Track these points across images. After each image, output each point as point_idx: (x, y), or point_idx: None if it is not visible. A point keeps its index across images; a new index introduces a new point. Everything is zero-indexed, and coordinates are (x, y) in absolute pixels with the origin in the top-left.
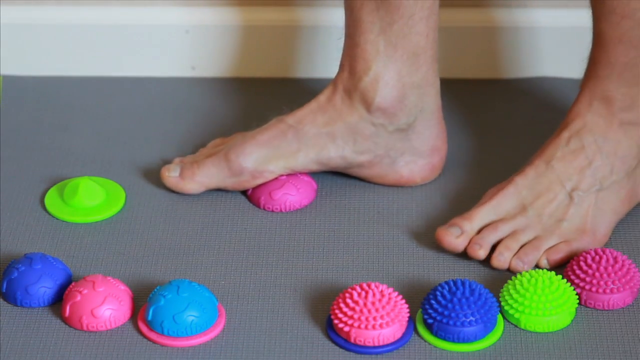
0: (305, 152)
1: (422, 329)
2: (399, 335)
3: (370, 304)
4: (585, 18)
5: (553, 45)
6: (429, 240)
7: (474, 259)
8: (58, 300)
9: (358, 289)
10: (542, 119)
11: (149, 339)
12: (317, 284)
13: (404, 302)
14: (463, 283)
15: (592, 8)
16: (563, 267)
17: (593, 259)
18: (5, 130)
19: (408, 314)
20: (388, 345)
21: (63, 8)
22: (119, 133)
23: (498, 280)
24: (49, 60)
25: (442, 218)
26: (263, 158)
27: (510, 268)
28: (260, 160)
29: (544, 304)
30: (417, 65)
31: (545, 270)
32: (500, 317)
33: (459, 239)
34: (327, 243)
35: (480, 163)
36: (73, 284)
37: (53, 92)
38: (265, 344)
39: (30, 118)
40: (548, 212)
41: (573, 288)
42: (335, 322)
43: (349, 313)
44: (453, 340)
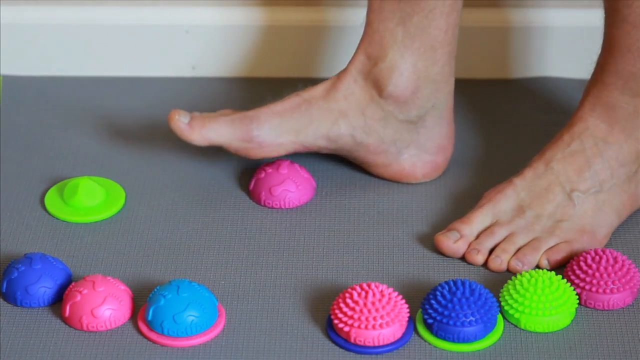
0: (317, 126)
1: (422, 329)
2: (399, 335)
3: (370, 304)
4: (592, 18)
5: (559, 46)
6: (429, 241)
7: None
8: (58, 300)
9: (358, 289)
10: (546, 120)
11: (149, 339)
12: (317, 284)
13: (404, 302)
14: (463, 283)
15: (605, 14)
16: (563, 267)
17: (593, 259)
18: (5, 130)
19: (408, 314)
20: (388, 345)
21: (63, 8)
22: (119, 133)
23: (498, 280)
24: (49, 60)
25: (442, 218)
26: (275, 128)
27: (510, 269)
28: (272, 131)
29: (544, 304)
30: (433, 60)
31: (545, 271)
32: (500, 317)
33: (458, 244)
34: (327, 243)
35: (483, 163)
36: (73, 284)
37: (53, 92)
38: (265, 344)
39: (30, 118)
40: (548, 212)
41: (573, 288)
42: (335, 322)
43: (349, 313)
44: (453, 340)
